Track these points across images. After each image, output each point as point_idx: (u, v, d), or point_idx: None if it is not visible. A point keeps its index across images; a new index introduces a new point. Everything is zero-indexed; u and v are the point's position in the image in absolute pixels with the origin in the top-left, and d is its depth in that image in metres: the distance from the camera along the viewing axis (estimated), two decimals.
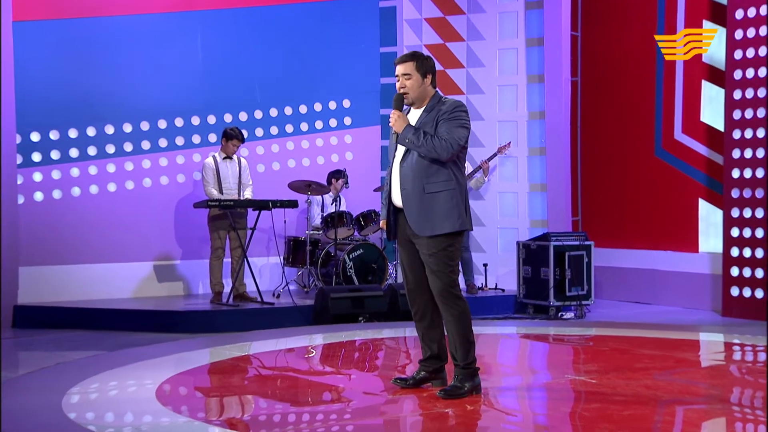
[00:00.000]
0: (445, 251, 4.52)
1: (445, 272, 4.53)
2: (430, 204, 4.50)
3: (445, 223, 4.50)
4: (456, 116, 4.51)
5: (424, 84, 4.60)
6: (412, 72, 4.58)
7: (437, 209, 4.50)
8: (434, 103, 4.60)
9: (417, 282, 4.68)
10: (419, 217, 4.52)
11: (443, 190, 4.50)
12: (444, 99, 4.64)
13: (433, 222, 4.50)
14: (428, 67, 4.63)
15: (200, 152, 9.60)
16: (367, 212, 9.43)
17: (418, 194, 4.51)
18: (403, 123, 4.54)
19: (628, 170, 9.85)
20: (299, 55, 10.22)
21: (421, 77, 4.59)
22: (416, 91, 4.60)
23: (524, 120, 10.13)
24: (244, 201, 8.53)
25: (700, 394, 4.86)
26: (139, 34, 9.36)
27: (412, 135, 4.48)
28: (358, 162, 10.52)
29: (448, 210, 4.50)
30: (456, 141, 4.45)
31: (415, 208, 4.53)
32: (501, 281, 9.89)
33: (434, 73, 4.67)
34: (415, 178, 4.51)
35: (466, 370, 4.59)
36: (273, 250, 9.82)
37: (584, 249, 8.81)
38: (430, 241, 4.52)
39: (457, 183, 4.54)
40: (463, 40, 10.30)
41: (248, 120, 9.96)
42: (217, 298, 8.65)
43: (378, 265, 9.10)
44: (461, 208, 4.53)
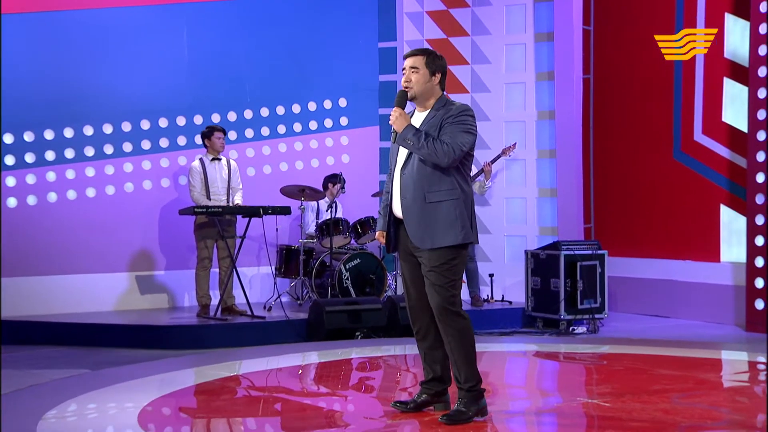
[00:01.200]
0: (447, 265, 4.49)
1: (446, 287, 4.50)
2: (431, 214, 4.48)
3: (447, 236, 4.47)
4: (462, 120, 4.49)
5: (431, 82, 4.59)
6: (421, 66, 4.58)
7: (439, 220, 4.48)
8: (440, 106, 4.59)
9: (419, 298, 4.66)
10: (419, 229, 4.51)
11: (446, 200, 4.48)
12: (451, 102, 4.62)
13: (433, 234, 4.48)
14: (439, 66, 4.63)
15: (186, 155, 9.60)
16: (365, 219, 9.44)
17: (418, 204, 4.49)
18: (404, 122, 4.54)
19: (645, 174, 9.84)
20: (292, 50, 10.21)
21: (429, 74, 4.59)
22: (421, 86, 4.59)
23: (533, 120, 10.13)
24: (233, 208, 8.55)
25: (723, 420, 4.83)
26: (120, 28, 9.37)
27: (412, 135, 4.47)
28: (355, 165, 10.52)
29: (451, 221, 4.47)
30: (459, 146, 4.43)
31: (415, 218, 4.52)
32: (508, 293, 9.89)
33: (444, 74, 4.66)
34: (416, 186, 4.50)
35: (471, 393, 4.56)
36: (264, 259, 9.81)
37: (597, 258, 8.81)
38: (432, 254, 4.50)
39: (461, 192, 4.51)
40: (467, 35, 10.31)
41: (237, 120, 9.95)
42: (204, 311, 8.64)
43: (376, 276, 9.10)
44: (465, 220, 4.50)
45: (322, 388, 5.88)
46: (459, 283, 4.57)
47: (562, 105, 9.84)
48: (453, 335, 4.52)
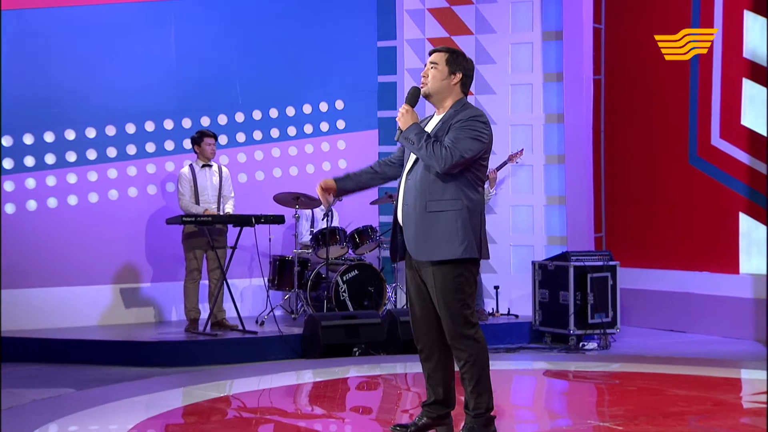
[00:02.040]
0: (453, 282, 4.44)
1: (455, 308, 4.45)
2: (430, 224, 4.45)
3: (445, 248, 4.43)
4: (470, 125, 4.45)
5: (448, 80, 4.56)
6: (440, 63, 4.57)
7: (438, 231, 4.44)
8: (456, 110, 4.55)
9: (424, 315, 4.62)
10: (416, 238, 4.49)
11: (448, 210, 4.44)
12: (468, 106, 4.57)
13: (430, 245, 4.45)
14: (461, 67, 4.59)
15: (174, 160, 9.60)
16: (363, 228, 9.44)
17: (418, 212, 4.47)
18: (410, 120, 4.53)
19: (659, 180, 9.84)
20: (286, 49, 10.21)
21: (448, 72, 4.56)
22: (436, 83, 4.56)
23: (540, 124, 10.13)
24: (224, 217, 8.56)
25: None
26: (102, 26, 9.35)
27: (414, 135, 4.46)
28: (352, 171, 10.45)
29: (451, 233, 4.43)
30: (459, 153, 4.38)
31: (413, 227, 4.49)
32: (514, 306, 9.87)
33: (467, 76, 4.62)
34: (419, 193, 4.47)
35: (478, 419, 4.53)
36: (256, 271, 9.79)
37: (609, 270, 8.79)
38: (434, 268, 4.46)
39: (468, 203, 4.45)
40: (471, 34, 10.31)
41: (228, 123, 9.95)
42: (193, 325, 8.63)
43: (375, 289, 9.09)
44: (468, 233, 4.44)
45: (318, 410, 5.86)
46: (470, 301, 4.49)
47: (571, 107, 9.84)
48: (465, 360, 4.49)
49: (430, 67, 4.59)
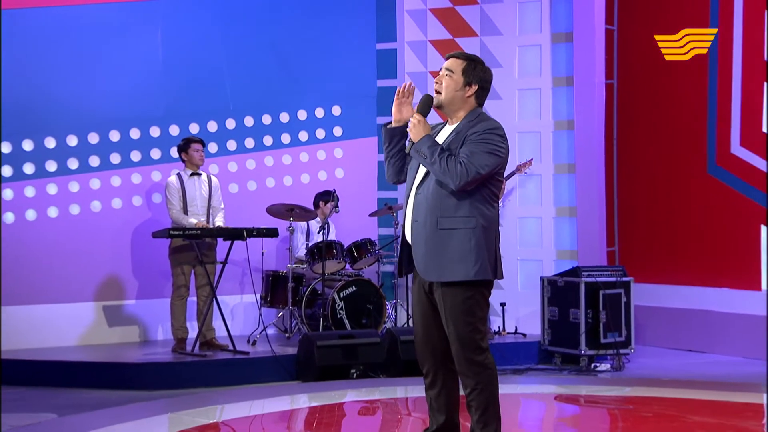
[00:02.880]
0: (464, 304, 4.41)
1: (464, 330, 4.42)
2: (441, 242, 4.42)
3: (457, 269, 4.40)
4: (486, 139, 4.42)
5: (463, 91, 4.54)
6: (456, 71, 4.55)
7: (450, 250, 4.41)
8: (470, 121, 4.53)
9: (428, 336, 4.60)
10: (426, 257, 4.45)
11: (461, 228, 4.42)
12: (484, 118, 4.55)
13: (441, 265, 4.42)
14: (477, 78, 4.56)
15: (160, 169, 9.58)
16: (361, 242, 9.41)
17: (429, 229, 4.45)
18: (422, 131, 4.49)
19: (675, 191, 9.83)
20: (280, 52, 10.20)
21: (464, 82, 4.54)
22: (450, 93, 4.54)
23: (549, 131, 10.12)
24: (213, 229, 8.53)
25: None
26: (84, 27, 9.33)
27: (427, 148, 4.42)
28: (350, 181, 10.50)
29: (464, 253, 4.40)
30: (475, 168, 4.35)
31: (422, 245, 4.47)
32: (522, 324, 9.85)
33: (484, 89, 4.60)
34: (430, 209, 4.45)
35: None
36: (248, 287, 9.75)
37: (622, 286, 8.78)
38: (444, 289, 4.43)
39: (482, 220, 4.44)
40: (476, 35, 10.30)
41: (219, 130, 9.94)
42: (180, 345, 8.61)
43: (374, 306, 9.07)
44: (482, 252, 4.41)
45: None
46: (481, 325, 4.47)
47: (582, 114, 9.82)
48: (472, 387, 4.46)
49: (445, 74, 4.56)
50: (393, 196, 10.38)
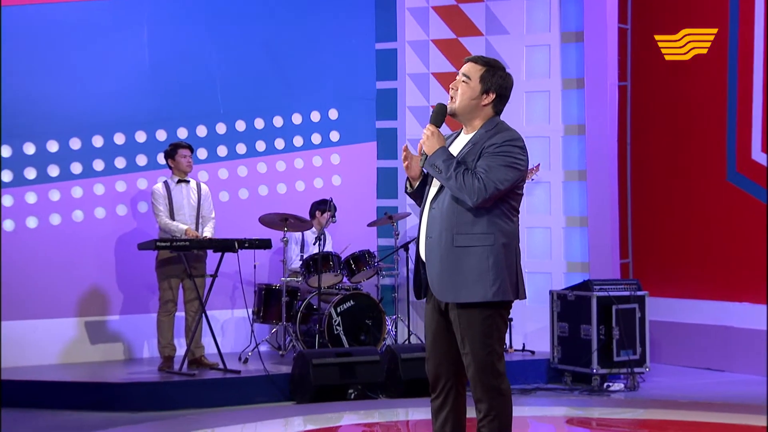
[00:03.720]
0: (481, 326, 4.39)
1: (481, 353, 4.39)
2: (457, 261, 4.40)
3: (475, 289, 4.37)
4: (505, 151, 4.38)
5: (479, 100, 4.49)
6: (474, 78, 4.50)
7: (466, 269, 4.39)
8: (487, 130, 4.50)
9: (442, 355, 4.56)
10: (441, 277, 4.43)
11: (478, 245, 4.39)
12: (502, 127, 4.51)
13: (457, 286, 4.39)
14: (496, 85, 4.51)
15: (147, 177, 9.57)
16: (360, 254, 9.40)
17: (444, 247, 4.42)
18: (436, 143, 4.45)
19: (693, 199, 9.81)
20: (274, 52, 10.20)
21: (481, 90, 4.49)
22: (465, 101, 4.50)
23: (558, 136, 10.12)
24: (203, 241, 8.52)
25: None
26: (65, 26, 9.31)
27: (442, 162, 4.39)
28: (348, 189, 10.49)
29: (481, 272, 4.37)
30: (493, 184, 4.32)
31: (437, 264, 4.44)
32: (530, 341, 9.82)
33: (503, 96, 4.55)
34: (445, 225, 4.43)
35: None
36: (239, 301, 9.71)
37: (636, 301, 8.76)
38: (461, 311, 4.41)
39: (502, 237, 4.41)
40: (481, 35, 10.30)
41: (208, 135, 9.92)
42: (167, 364, 8.60)
43: (373, 322, 9.05)
44: (502, 271, 4.39)
45: None
46: (499, 348, 4.45)
47: (593, 118, 9.81)
48: (485, 412, 4.43)
49: (461, 80, 4.52)
50: (393, 205, 10.40)
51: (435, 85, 10.40)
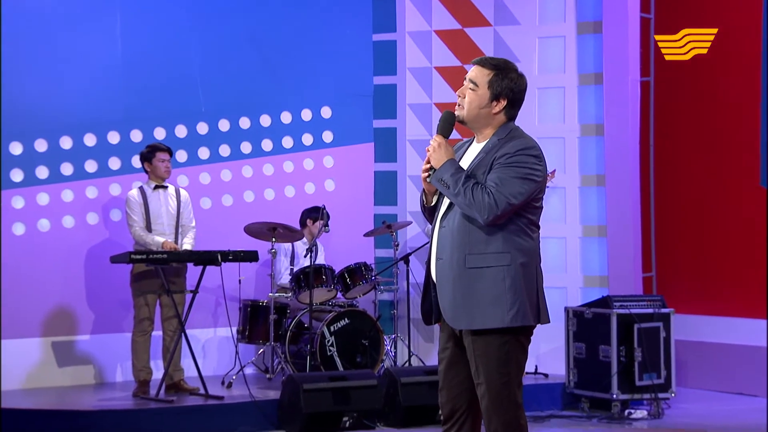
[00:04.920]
0: (497, 352, 4.41)
1: (496, 383, 4.41)
2: (471, 284, 4.42)
3: (491, 314, 4.39)
4: (518, 161, 4.39)
5: (489, 108, 4.52)
6: (482, 84, 4.52)
7: (481, 292, 4.41)
8: (500, 138, 4.51)
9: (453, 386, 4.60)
10: (453, 301, 4.46)
11: (493, 266, 4.40)
12: (516, 134, 4.53)
13: (471, 310, 4.42)
14: (507, 90, 4.51)
15: (120, 182, 9.56)
16: (355, 267, 9.39)
17: (456, 269, 4.45)
18: (444, 156, 4.48)
19: (724, 207, 9.82)
20: (261, 45, 10.22)
21: (491, 97, 4.51)
22: (474, 111, 4.53)
23: (574, 136, 10.13)
24: (182, 253, 8.55)
25: None
26: (29, 17, 9.30)
27: (450, 176, 4.42)
28: (343, 195, 10.52)
29: (496, 296, 4.39)
30: (505, 199, 4.33)
31: (449, 287, 4.47)
32: (543, 363, 9.85)
33: (515, 102, 4.55)
34: (456, 244, 4.46)
35: None
36: (222, 319, 9.74)
37: (660, 319, 8.77)
38: (475, 337, 4.44)
39: (519, 255, 4.43)
40: (489, 25, 10.31)
41: (188, 136, 9.94)
42: (143, 389, 8.62)
43: (370, 342, 9.06)
44: (520, 294, 4.41)
45: None
46: (517, 378, 4.47)
47: (613, 117, 9.80)
48: None
49: (468, 87, 4.53)
50: (392, 212, 10.43)
51: (438, 80, 10.41)
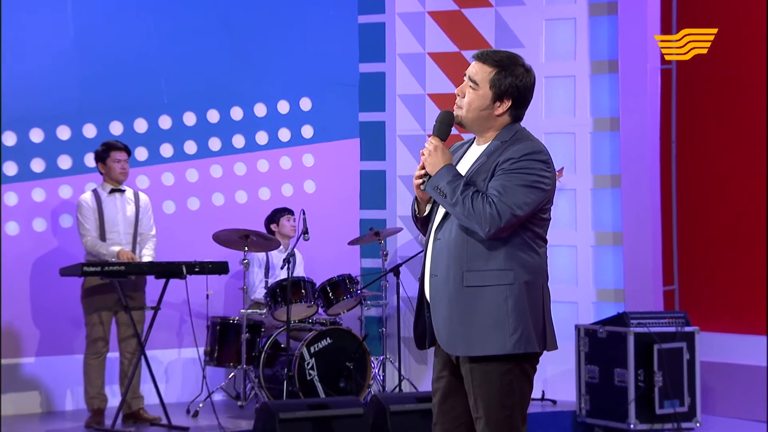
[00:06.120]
0: (498, 382, 4.42)
1: (497, 417, 4.43)
2: (469, 304, 4.44)
3: (491, 339, 4.40)
4: (524, 167, 4.40)
5: (491, 109, 4.53)
6: (483, 82, 4.52)
7: (480, 314, 4.42)
8: (503, 141, 4.52)
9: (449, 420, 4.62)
10: (449, 325, 4.47)
11: (494, 285, 4.42)
12: (521, 136, 4.53)
13: (469, 335, 4.44)
14: (512, 89, 4.51)
15: (71, 183, 9.59)
16: (339, 279, 9.44)
17: (452, 287, 4.46)
18: (440, 160, 4.50)
19: (756, 210, 9.75)
20: (231, 28, 10.27)
21: (493, 98, 4.51)
22: (473, 112, 4.55)
23: (586, 131, 10.13)
24: (142, 265, 8.62)
25: None
26: None
27: (446, 184, 4.43)
28: (324, 197, 10.53)
29: (498, 318, 4.40)
30: (509, 210, 4.33)
31: (444, 307, 4.49)
32: (551, 388, 9.88)
33: (520, 101, 4.55)
34: (452, 259, 4.47)
35: None
36: (188, 339, 9.71)
37: (684, 338, 8.81)
38: (473, 365, 4.45)
39: (524, 272, 4.44)
40: (489, 5, 10.31)
41: (149, 131, 9.96)
42: (97, 418, 8.68)
43: (356, 364, 9.12)
44: (524, 317, 4.42)
45: None
46: (521, 413, 4.50)
47: (629, 109, 9.80)
48: None
49: (468, 86, 4.54)
50: (380, 217, 10.48)
51: (432, 68, 10.41)
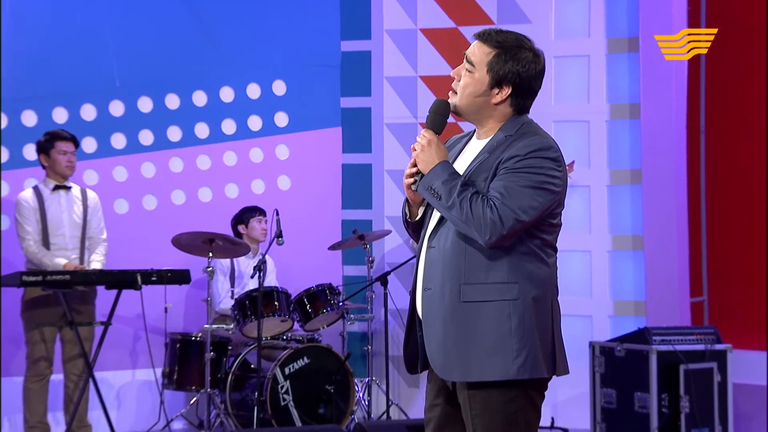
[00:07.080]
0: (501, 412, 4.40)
1: None
2: (467, 322, 4.42)
3: (492, 363, 4.37)
4: (530, 167, 4.34)
5: (487, 96, 4.49)
6: (480, 66, 4.48)
7: (479, 334, 4.40)
8: (507, 135, 4.48)
9: None
10: (444, 345, 4.45)
11: (495, 300, 4.38)
12: (527, 130, 4.48)
13: (467, 357, 4.41)
14: (512, 75, 4.45)
15: (8, 179, 9.61)
16: (318, 289, 9.45)
17: (448, 302, 4.44)
18: (435, 156, 4.47)
19: None
20: (193, 4, 10.35)
21: (490, 83, 4.47)
22: (468, 98, 4.51)
23: (602, 120, 10.14)
24: (91, 273, 8.59)
25: None
26: None
27: (442, 184, 4.40)
28: (301, 195, 10.56)
29: (501, 337, 4.37)
30: (513, 214, 4.28)
31: (438, 325, 4.46)
32: (561, 414, 9.90)
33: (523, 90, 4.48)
34: (448, 271, 4.46)
35: None
36: (143, 359, 9.71)
37: (714, 357, 8.80)
38: (472, 391, 4.42)
39: (530, 286, 4.40)
40: None
41: (98, 119, 9.98)
42: None
43: (337, 387, 9.13)
44: (531, 336, 4.39)
45: None
46: None
47: (652, 94, 9.78)
48: None
49: (465, 67, 4.49)
50: (365, 218, 10.52)
51: (425, 46, 10.44)
